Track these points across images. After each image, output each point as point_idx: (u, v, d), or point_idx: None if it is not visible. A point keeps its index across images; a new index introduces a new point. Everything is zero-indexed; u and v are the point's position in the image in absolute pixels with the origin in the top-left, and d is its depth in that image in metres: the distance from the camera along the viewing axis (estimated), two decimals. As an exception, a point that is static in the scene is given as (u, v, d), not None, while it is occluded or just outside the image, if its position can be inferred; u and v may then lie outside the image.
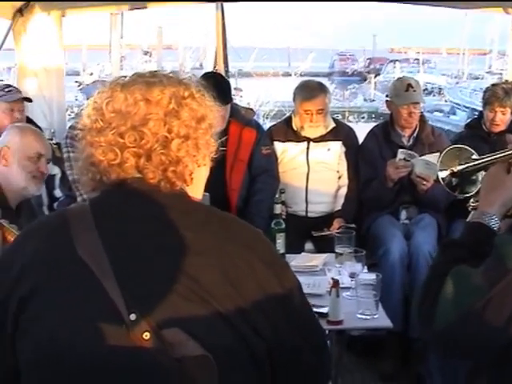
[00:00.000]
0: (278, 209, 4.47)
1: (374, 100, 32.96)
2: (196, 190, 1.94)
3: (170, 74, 1.92)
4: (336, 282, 3.44)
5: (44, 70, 6.23)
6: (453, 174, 3.26)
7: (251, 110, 5.78)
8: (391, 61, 43.53)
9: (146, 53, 34.08)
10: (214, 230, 1.80)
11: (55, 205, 5.27)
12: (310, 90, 5.40)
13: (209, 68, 8.02)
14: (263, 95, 17.72)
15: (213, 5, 7.78)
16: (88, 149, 1.87)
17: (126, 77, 1.93)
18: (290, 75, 26.48)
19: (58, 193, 5.34)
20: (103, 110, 1.86)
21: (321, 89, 5.43)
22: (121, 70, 19.28)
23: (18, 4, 6.02)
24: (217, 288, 1.70)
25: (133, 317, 1.65)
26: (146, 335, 1.64)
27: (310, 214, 5.51)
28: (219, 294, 1.70)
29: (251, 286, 1.74)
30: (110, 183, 1.86)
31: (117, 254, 1.73)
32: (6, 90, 5.20)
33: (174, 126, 1.81)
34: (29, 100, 5.42)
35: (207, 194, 2.09)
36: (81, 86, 20.61)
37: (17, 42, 6.23)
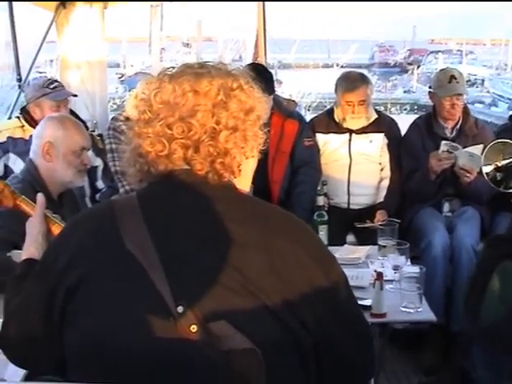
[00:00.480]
0: (321, 201, 4.46)
1: (414, 92, 32.69)
2: (244, 181, 1.94)
3: (219, 66, 1.91)
4: (380, 275, 3.42)
5: (86, 62, 6.26)
6: (497, 169, 3.26)
7: (293, 101, 5.76)
8: (431, 52, 43.09)
9: (185, 45, 34.12)
10: (261, 222, 1.80)
11: (97, 196, 5.30)
12: (351, 81, 5.37)
13: (248, 60, 8.00)
14: (305, 87, 17.66)
15: (255, -2, 7.77)
16: (135, 140, 1.87)
17: (174, 68, 1.93)
18: (331, 67, 26.38)
19: (100, 184, 5.36)
20: (151, 101, 1.86)
21: (363, 80, 5.40)
22: (160, 61, 19.35)
23: (61, -4, 6.06)
24: (264, 281, 1.70)
25: (180, 309, 1.65)
26: (193, 328, 1.64)
27: (351, 206, 5.49)
28: (266, 287, 1.69)
29: (298, 279, 1.74)
30: (157, 174, 1.86)
31: (164, 246, 1.73)
32: (52, 86, 5.14)
33: (222, 118, 1.81)
34: (74, 96, 5.44)
35: (251, 185, 2.08)
36: (123, 78, 20.71)
37: (59, 34, 6.28)
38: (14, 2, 5.79)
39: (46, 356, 1.91)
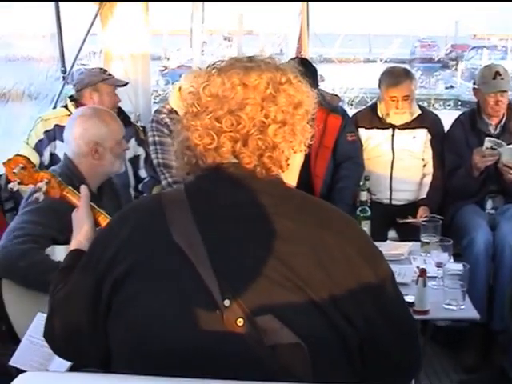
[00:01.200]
0: (364, 196, 4.45)
1: (453, 87, 32.36)
2: (291, 176, 1.94)
3: (268, 60, 1.91)
4: (423, 271, 3.40)
5: (130, 54, 6.29)
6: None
7: (337, 96, 5.73)
8: (473, 47, 42.64)
9: (226, 38, 34.15)
10: (308, 217, 1.80)
11: (140, 186, 5.34)
12: (395, 76, 5.34)
13: (290, 54, 8.00)
14: (348, 82, 17.58)
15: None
16: (184, 133, 1.88)
17: (222, 61, 1.93)
18: (374, 61, 26.22)
19: (142, 173, 5.41)
20: (200, 95, 1.86)
21: (407, 75, 5.37)
22: (201, 55, 19.35)
23: (106, -11, 6.09)
24: (311, 275, 1.69)
25: (227, 302, 1.66)
26: (240, 321, 1.65)
27: (393, 202, 5.48)
28: (313, 282, 1.69)
29: (345, 275, 1.73)
30: (205, 167, 1.86)
31: (212, 239, 1.73)
32: (107, 73, 5.26)
33: (271, 112, 1.81)
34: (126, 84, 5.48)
35: None
36: (166, 71, 20.79)
37: (103, 27, 6.31)
38: (60, -5, 5.84)
39: (90, 348, 1.92)
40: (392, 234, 5.21)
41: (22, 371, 2.93)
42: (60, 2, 5.83)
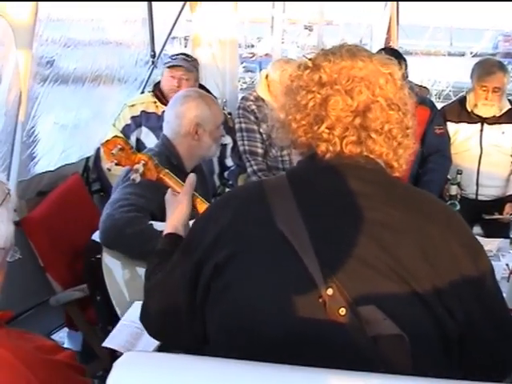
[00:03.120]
0: (454, 190, 4.40)
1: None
2: (399, 168, 1.92)
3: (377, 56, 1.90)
4: (514, 269, 3.36)
5: (218, 40, 6.32)
6: None
7: (426, 88, 5.69)
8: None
9: (306, 27, 33.97)
10: (413, 208, 1.79)
11: (226, 174, 5.37)
12: (489, 66, 5.28)
13: (374, 45, 7.93)
14: (434, 75, 17.32)
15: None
16: (293, 124, 1.87)
17: (331, 49, 1.91)
18: (456, 55, 25.80)
19: (229, 162, 5.42)
20: (310, 81, 1.86)
21: (500, 67, 5.28)
22: (282, 43, 19.33)
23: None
24: (416, 267, 1.68)
25: (330, 291, 1.65)
26: (342, 310, 1.64)
27: (480, 198, 5.41)
28: (418, 274, 1.68)
29: (448, 267, 1.71)
30: (308, 155, 1.86)
31: (315, 227, 1.73)
32: (173, 57, 5.25)
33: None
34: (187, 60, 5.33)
35: None
36: (253, 58, 20.76)
37: (192, 12, 6.35)
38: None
39: (186, 331, 1.94)
40: (477, 229, 5.14)
41: (114, 350, 3.01)
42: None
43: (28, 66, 3.76)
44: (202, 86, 5.41)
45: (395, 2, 6.69)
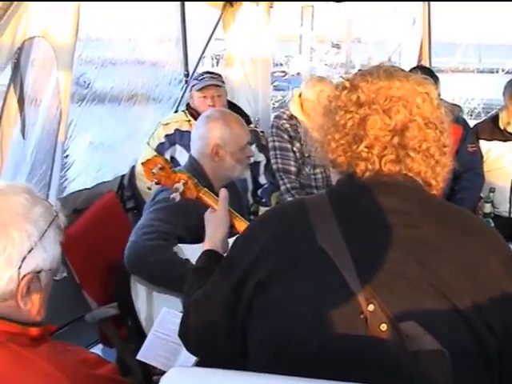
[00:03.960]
0: (488, 208, 4.40)
1: None
2: (437, 186, 1.94)
3: (413, 76, 1.93)
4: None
5: (251, 58, 6.37)
6: None
7: (458, 106, 5.68)
8: None
9: (334, 45, 33.91)
10: (452, 224, 1.80)
11: (259, 192, 5.39)
12: None
13: (403, 63, 7.91)
14: (466, 92, 17.14)
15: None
16: (332, 143, 1.90)
17: (368, 69, 1.94)
18: (485, 72, 25.62)
19: (262, 179, 5.44)
20: (347, 102, 1.89)
21: None
22: (310, 61, 19.33)
23: (228, -6, 6.19)
24: (455, 283, 1.69)
25: (371, 307, 1.66)
26: (383, 326, 1.65)
27: (513, 216, 5.37)
28: (457, 290, 1.68)
29: (487, 283, 1.72)
30: (347, 173, 1.88)
31: (355, 245, 1.74)
32: (200, 78, 5.25)
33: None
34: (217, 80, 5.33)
35: None
36: (286, 77, 20.78)
37: (225, 31, 6.42)
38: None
39: (224, 347, 1.96)
40: (510, 247, 5.09)
41: (147, 365, 3.03)
42: (186, 5, 5.95)
43: (68, 87, 3.80)
44: (233, 104, 5.46)
45: (426, 20, 6.67)
